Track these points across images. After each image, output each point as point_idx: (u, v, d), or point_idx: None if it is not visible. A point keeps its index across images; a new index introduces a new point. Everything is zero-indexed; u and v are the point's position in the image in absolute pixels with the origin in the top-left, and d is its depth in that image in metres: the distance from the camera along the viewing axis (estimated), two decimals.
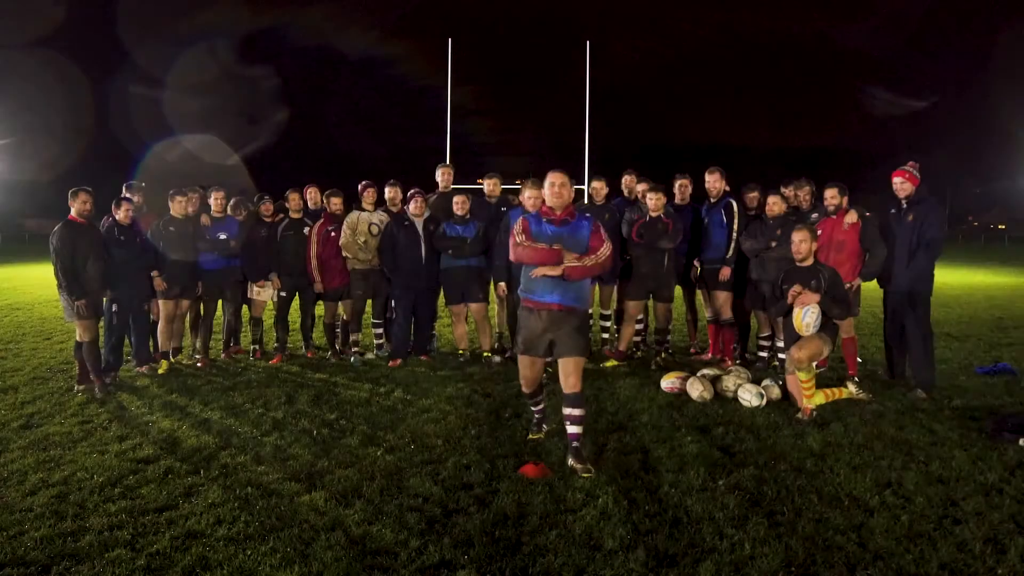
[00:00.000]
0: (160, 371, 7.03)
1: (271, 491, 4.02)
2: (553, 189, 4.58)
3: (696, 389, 5.95)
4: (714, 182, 7.33)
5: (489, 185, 7.94)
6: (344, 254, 7.50)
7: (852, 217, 6.44)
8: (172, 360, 7.31)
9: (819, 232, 6.04)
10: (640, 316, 7.82)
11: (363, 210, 7.59)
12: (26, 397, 6.10)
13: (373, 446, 4.79)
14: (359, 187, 7.73)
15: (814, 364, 5.53)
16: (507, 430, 5.15)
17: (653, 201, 7.02)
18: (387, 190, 7.74)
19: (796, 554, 3.30)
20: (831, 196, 6.55)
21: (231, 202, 7.71)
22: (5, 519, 3.67)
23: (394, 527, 3.56)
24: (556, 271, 4.46)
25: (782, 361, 6.44)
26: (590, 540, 3.44)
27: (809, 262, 5.68)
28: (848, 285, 6.25)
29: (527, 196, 5.24)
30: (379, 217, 7.55)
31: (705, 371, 6.35)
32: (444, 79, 19.97)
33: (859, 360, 7.00)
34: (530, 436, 4.99)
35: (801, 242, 5.64)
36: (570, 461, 4.37)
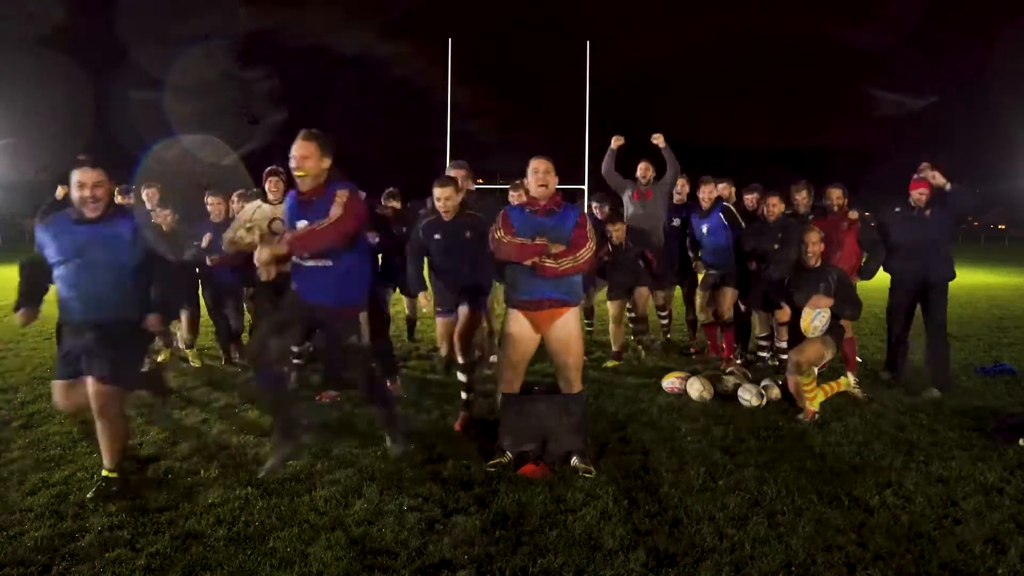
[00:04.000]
0: (160, 359, 7.11)
1: (271, 491, 4.02)
2: (537, 176, 4.21)
3: (696, 389, 5.95)
4: (708, 193, 7.24)
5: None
6: None
7: (852, 217, 6.44)
8: (173, 349, 7.48)
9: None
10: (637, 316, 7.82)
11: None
12: (26, 397, 6.10)
13: (373, 446, 4.80)
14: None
15: (815, 367, 5.52)
16: None
17: (613, 233, 7.05)
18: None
19: (796, 554, 3.30)
20: (836, 196, 6.55)
21: (233, 197, 7.64)
22: (5, 519, 3.67)
23: (394, 527, 3.56)
24: (529, 262, 4.15)
25: (782, 361, 6.44)
26: (590, 540, 3.44)
27: (817, 264, 5.68)
28: None
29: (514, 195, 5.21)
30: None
31: (705, 371, 6.35)
32: (444, 79, 20.01)
33: (859, 360, 6.99)
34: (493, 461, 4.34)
35: (813, 244, 5.64)
36: (572, 460, 4.36)
